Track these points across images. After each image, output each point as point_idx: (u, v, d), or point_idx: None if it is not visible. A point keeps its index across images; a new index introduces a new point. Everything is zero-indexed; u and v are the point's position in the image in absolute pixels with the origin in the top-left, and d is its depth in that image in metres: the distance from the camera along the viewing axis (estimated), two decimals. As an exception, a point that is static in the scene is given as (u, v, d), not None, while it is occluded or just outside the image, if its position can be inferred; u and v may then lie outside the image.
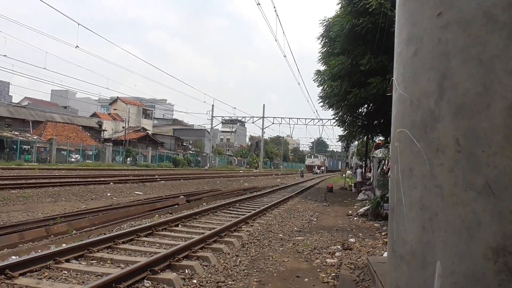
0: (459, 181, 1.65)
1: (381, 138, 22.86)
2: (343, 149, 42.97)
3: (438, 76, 1.72)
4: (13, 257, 5.48)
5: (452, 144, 1.67)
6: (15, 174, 20.47)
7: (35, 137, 39.53)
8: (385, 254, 6.19)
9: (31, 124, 44.32)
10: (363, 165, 25.69)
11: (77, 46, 24.33)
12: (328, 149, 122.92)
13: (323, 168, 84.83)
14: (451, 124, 1.68)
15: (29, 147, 36.49)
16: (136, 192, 16.32)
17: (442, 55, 1.71)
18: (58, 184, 15.95)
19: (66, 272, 4.87)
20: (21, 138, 36.67)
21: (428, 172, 1.74)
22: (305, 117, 63.32)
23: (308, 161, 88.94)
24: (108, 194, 14.88)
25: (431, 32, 1.76)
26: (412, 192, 1.82)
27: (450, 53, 1.69)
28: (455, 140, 1.66)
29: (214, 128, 65.35)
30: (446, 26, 1.70)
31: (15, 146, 34.93)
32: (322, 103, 20.47)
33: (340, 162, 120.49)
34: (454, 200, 1.66)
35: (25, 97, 66.58)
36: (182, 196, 13.89)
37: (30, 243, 6.68)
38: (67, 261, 5.27)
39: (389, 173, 11.30)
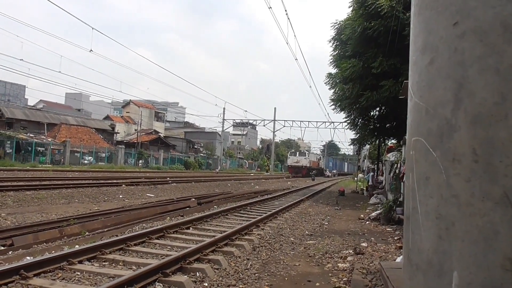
0: (476, 191, 1.63)
1: (393, 141, 22.66)
2: (355, 153, 42.70)
3: (455, 85, 1.71)
4: (28, 257, 5.57)
5: (469, 153, 1.66)
6: (29, 176, 20.82)
7: (50, 139, 40.18)
8: (398, 259, 6.14)
9: (45, 126, 45.08)
10: (375, 169, 25.48)
11: (91, 50, 24.70)
12: (340, 152, 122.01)
13: (335, 171, 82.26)
14: (468, 134, 1.66)
15: (43, 149, 37.11)
16: (147, 194, 16.45)
17: (458, 64, 1.71)
18: (71, 185, 16.19)
19: (79, 273, 4.93)
20: (36, 140, 37.29)
21: (444, 182, 1.73)
22: (316, 120, 62.36)
23: (291, 161, 57.81)
24: (120, 196, 15.02)
25: (447, 41, 1.75)
26: (428, 201, 1.81)
27: (467, 62, 1.68)
28: (472, 149, 1.65)
29: (225, 131, 65.67)
30: (462, 35, 1.70)
31: (30, 148, 35.54)
32: (333, 106, 20.38)
33: (346, 164, 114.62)
34: (471, 210, 1.64)
35: (40, 100, 67.86)
36: (194, 199, 13.96)
37: (44, 244, 6.78)
38: (80, 262, 5.34)
39: (403, 178, 11.21)
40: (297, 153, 60.23)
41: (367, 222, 11.67)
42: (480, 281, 1.62)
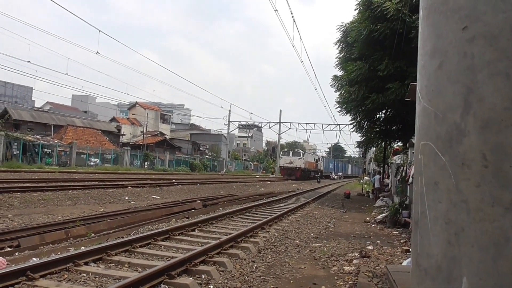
0: (486, 196, 1.62)
1: (399, 143, 22.58)
2: (361, 155, 42.46)
3: (464, 89, 1.71)
4: (34, 258, 5.60)
5: (478, 158, 1.65)
6: (36, 177, 20.95)
7: (56, 141, 40.41)
8: (404, 263, 6.10)
9: (52, 128, 45.35)
10: (381, 171, 25.37)
11: (97, 52, 24.81)
12: (345, 155, 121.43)
13: (340, 174, 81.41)
14: (478, 139, 1.65)
15: (50, 150, 37.30)
16: (153, 196, 16.49)
17: (467, 69, 1.70)
18: (77, 187, 16.25)
19: (85, 274, 4.96)
20: (43, 142, 37.49)
21: (454, 187, 1.72)
22: (322, 122, 60.88)
23: (283, 161, 50.89)
24: (126, 198, 15.07)
25: (456, 46, 1.74)
26: (437, 206, 1.80)
27: (476, 67, 1.67)
28: (481, 154, 1.64)
29: (231, 133, 65.62)
30: (472, 39, 1.69)
31: (36, 150, 35.76)
32: (339, 109, 20.39)
33: (350, 166, 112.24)
34: (481, 215, 1.63)
35: (47, 102, 68.34)
36: (199, 201, 13.96)
37: (50, 245, 6.82)
38: (86, 263, 5.36)
39: (409, 180, 11.16)
40: (291, 152, 52.61)
41: (373, 225, 11.61)
42: (490, 287, 1.60)
